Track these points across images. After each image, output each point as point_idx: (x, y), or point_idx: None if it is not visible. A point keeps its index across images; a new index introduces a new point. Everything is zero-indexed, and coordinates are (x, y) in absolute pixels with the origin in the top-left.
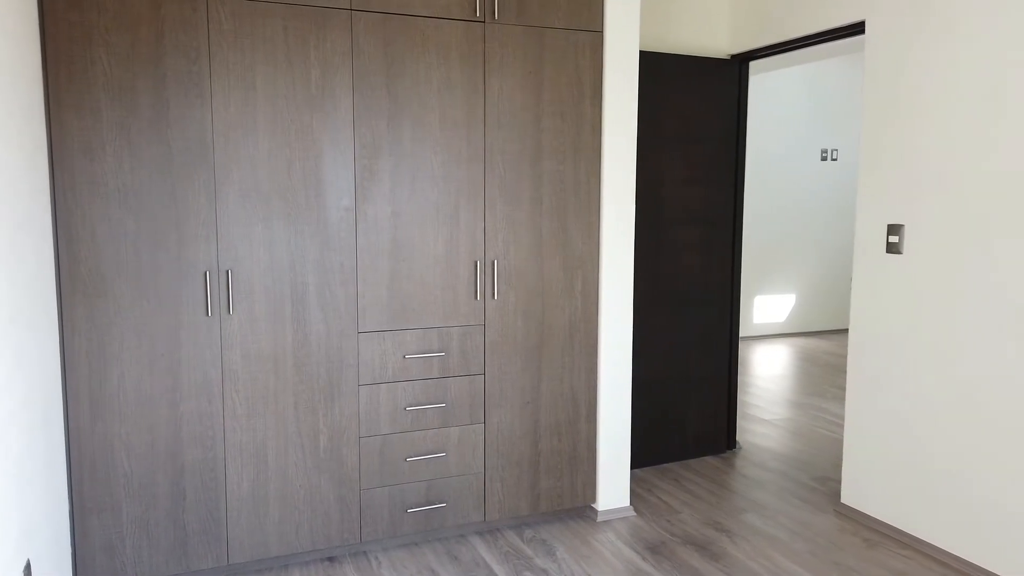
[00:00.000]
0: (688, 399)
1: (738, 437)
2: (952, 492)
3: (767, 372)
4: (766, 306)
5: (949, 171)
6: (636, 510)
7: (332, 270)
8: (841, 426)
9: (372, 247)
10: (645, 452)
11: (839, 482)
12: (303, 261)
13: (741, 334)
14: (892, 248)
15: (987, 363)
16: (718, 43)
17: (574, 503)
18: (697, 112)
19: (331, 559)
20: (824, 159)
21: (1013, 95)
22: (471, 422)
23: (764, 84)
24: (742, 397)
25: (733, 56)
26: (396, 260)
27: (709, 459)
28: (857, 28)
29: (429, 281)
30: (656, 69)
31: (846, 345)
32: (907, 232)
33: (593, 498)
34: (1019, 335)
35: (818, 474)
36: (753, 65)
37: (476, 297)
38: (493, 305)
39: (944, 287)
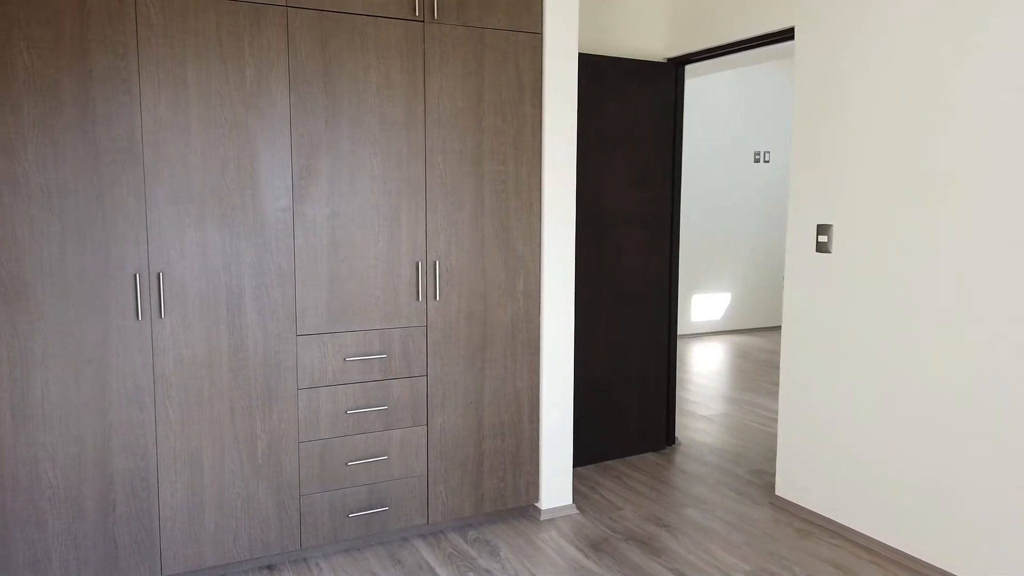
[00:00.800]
0: (629, 397)
1: (677, 433)
2: (879, 482)
3: (704, 369)
4: (703, 305)
5: (875, 173)
6: (579, 508)
7: (269, 272)
8: (775, 420)
9: (311, 248)
10: (587, 450)
11: (773, 475)
12: (239, 263)
13: (679, 332)
14: (822, 247)
15: (911, 357)
16: (655, 47)
17: (517, 503)
18: (636, 114)
19: (270, 567)
20: (757, 161)
21: (935, 101)
22: (413, 424)
23: (700, 87)
24: (681, 394)
25: (670, 59)
26: (336, 261)
27: (650, 455)
28: (787, 34)
29: (370, 282)
30: (596, 71)
31: (779, 342)
32: (835, 232)
33: (536, 497)
34: (941, 330)
35: (754, 467)
36: (689, 68)
37: (418, 298)
38: (435, 306)
39: (870, 284)
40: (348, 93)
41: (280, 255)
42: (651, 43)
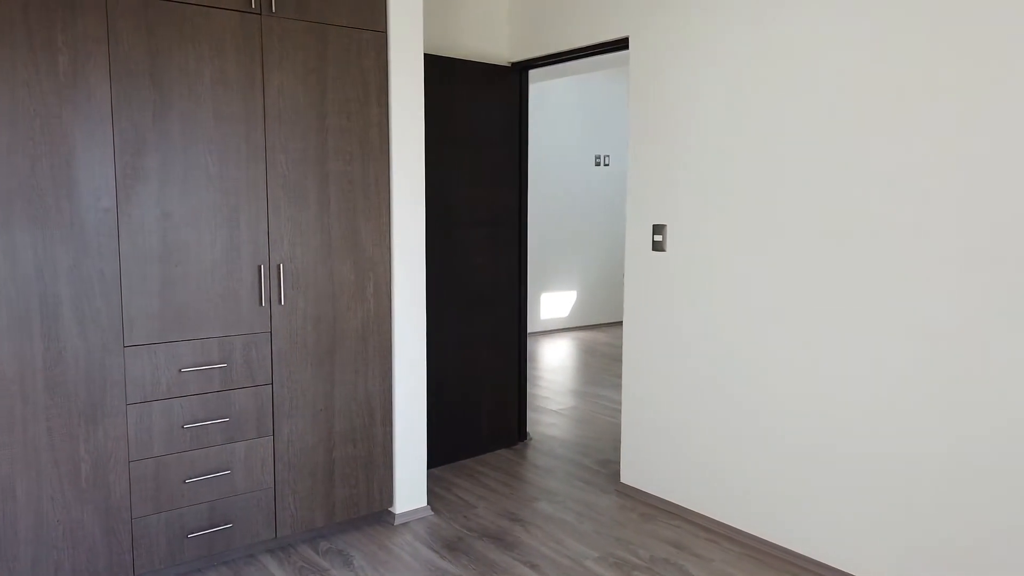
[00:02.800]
0: (481, 395)
1: (529, 428)
2: (712, 466)
3: (553, 365)
4: (551, 302)
5: (701, 176)
6: (434, 509)
7: (90, 279)
8: (619, 411)
9: (139, 252)
10: (442, 451)
11: (619, 464)
12: (54, 269)
13: (529, 330)
14: (657, 246)
15: (738, 347)
16: (500, 50)
17: (371, 509)
18: (483, 116)
19: None
20: (598, 164)
21: (754, 110)
22: (259, 435)
23: (545, 92)
24: (531, 390)
25: (514, 64)
26: (168, 265)
27: (503, 452)
28: (622, 43)
29: (207, 288)
30: (444, 73)
31: (622, 336)
32: (669, 231)
33: (391, 502)
34: (762, 320)
35: (601, 457)
36: (532, 73)
37: (261, 303)
38: (280, 311)
39: (700, 280)
40: (179, 87)
41: (103, 260)
42: (496, 47)
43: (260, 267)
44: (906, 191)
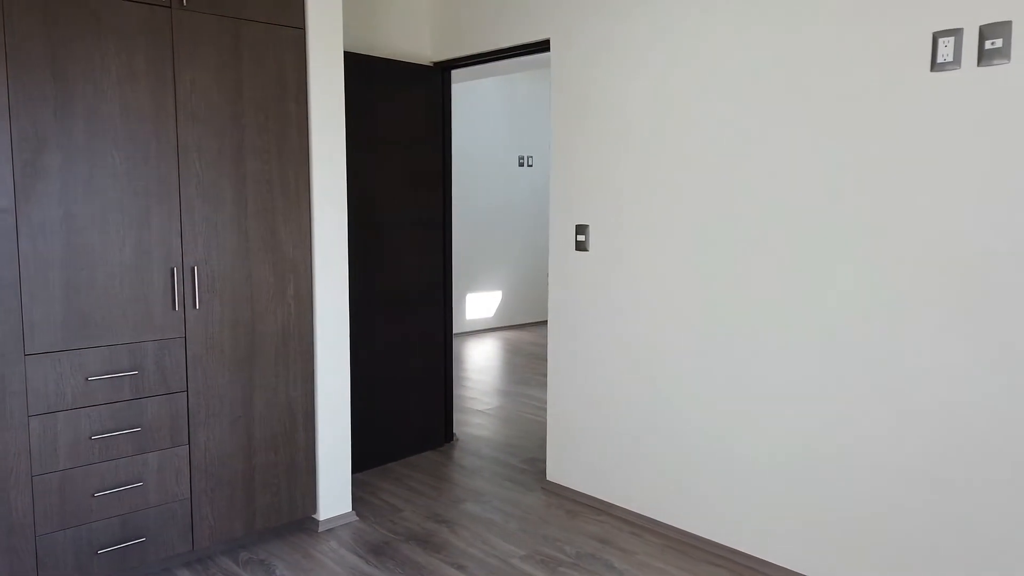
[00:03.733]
0: (408, 397)
1: (455, 429)
2: (634, 460)
3: (480, 365)
4: (476, 303)
5: (624, 176)
6: (359, 514)
7: None
8: (545, 410)
9: (40, 255)
10: (368, 454)
11: (545, 462)
12: None
13: (455, 331)
14: (580, 246)
15: (657, 345)
16: (423, 50)
17: (294, 516)
18: (406, 116)
19: None
20: (522, 165)
21: (674, 111)
22: (173, 445)
23: (469, 92)
24: (458, 391)
25: (436, 63)
26: (73, 269)
27: (429, 454)
28: (544, 45)
29: (116, 292)
30: (365, 72)
31: (547, 335)
32: (592, 231)
33: (314, 508)
34: (681, 316)
35: (527, 456)
36: (455, 73)
37: (175, 307)
38: (195, 315)
39: (622, 279)
40: (82, 82)
41: (0, 264)
42: (418, 46)
43: (173, 270)
44: (816, 193)
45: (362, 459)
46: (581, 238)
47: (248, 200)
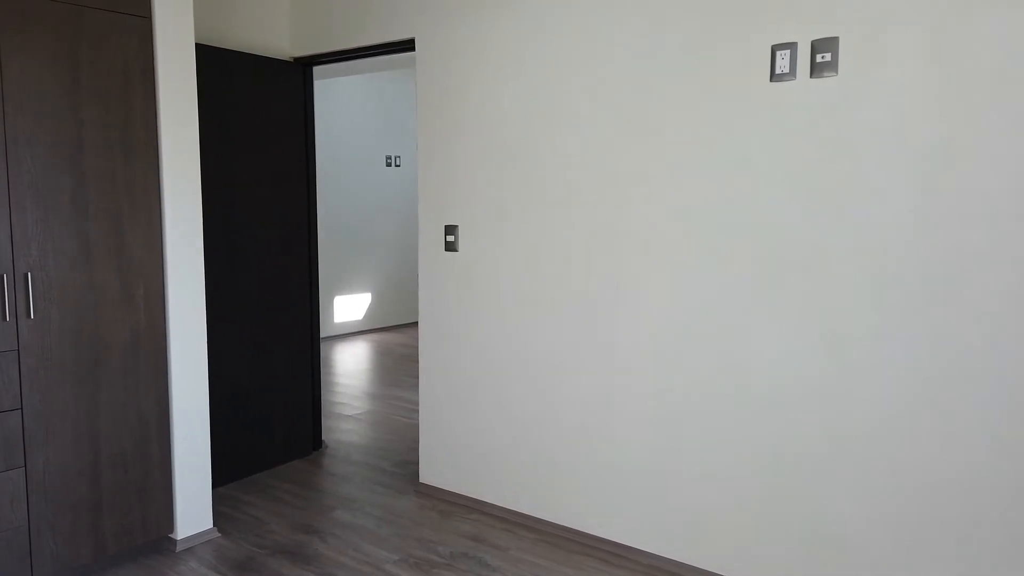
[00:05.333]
0: (273, 405)
1: (324, 436)
2: (504, 458)
3: (349, 369)
4: (344, 305)
5: (492, 177)
6: (221, 531)
7: None
8: (416, 412)
9: None
10: (231, 466)
11: (417, 464)
12: None
13: (322, 334)
14: (450, 246)
15: (525, 344)
16: (282, 44)
17: (149, 537)
18: (265, 113)
19: None
20: (389, 165)
21: (540, 112)
22: (6, 468)
23: (334, 90)
24: (327, 396)
25: (297, 59)
26: None
27: (297, 463)
28: (409, 44)
29: None
30: (220, 66)
31: (417, 337)
32: (461, 232)
33: (171, 528)
34: (547, 315)
35: (399, 459)
36: (317, 70)
37: (6, 318)
38: (30, 325)
39: (491, 279)
40: None
41: None
42: (278, 41)
43: (3, 276)
44: (671, 192)
45: (224, 472)
46: (451, 239)
47: (89, 199)
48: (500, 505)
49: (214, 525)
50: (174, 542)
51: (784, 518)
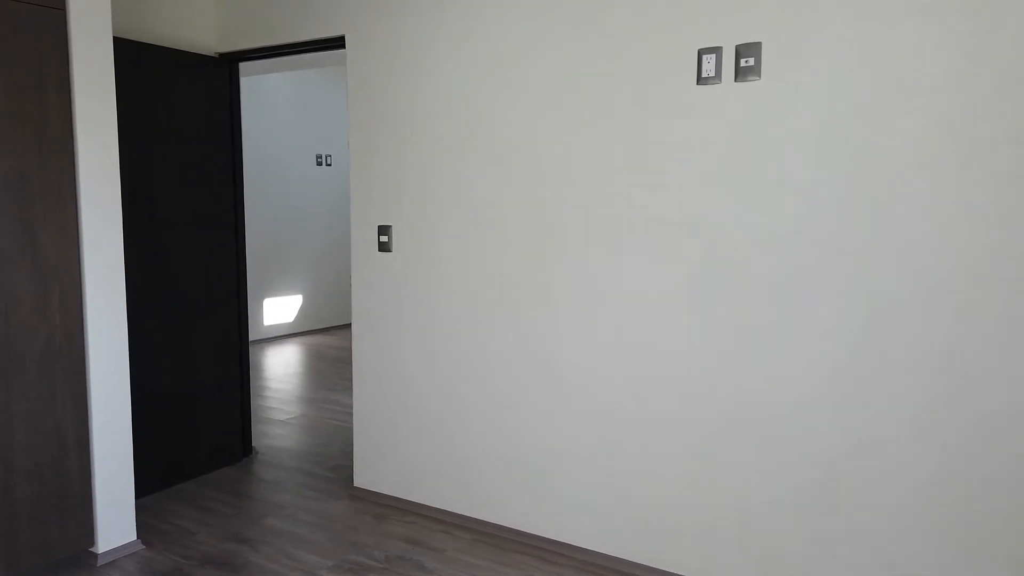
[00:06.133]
0: (200, 411)
1: (255, 442)
2: (439, 459)
3: (280, 373)
4: (275, 308)
5: (426, 176)
6: (146, 543)
7: None
8: (351, 415)
9: None
10: (156, 476)
11: (351, 468)
12: None
13: (252, 338)
14: (383, 247)
15: (458, 344)
16: (206, 39)
17: (68, 551)
18: (189, 110)
19: None
20: (320, 164)
21: (473, 111)
22: None
23: (263, 87)
24: (257, 401)
25: (222, 54)
26: None
27: (227, 470)
28: (339, 42)
29: None
30: (141, 60)
31: (351, 339)
32: (395, 232)
33: (91, 541)
34: (481, 316)
35: (333, 464)
36: (244, 66)
37: None
38: None
39: (426, 279)
40: None
41: None
42: (201, 35)
43: None
44: (603, 192)
45: (149, 482)
46: (384, 239)
47: None
48: (436, 507)
49: (138, 537)
50: (95, 556)
51: (712, 510)
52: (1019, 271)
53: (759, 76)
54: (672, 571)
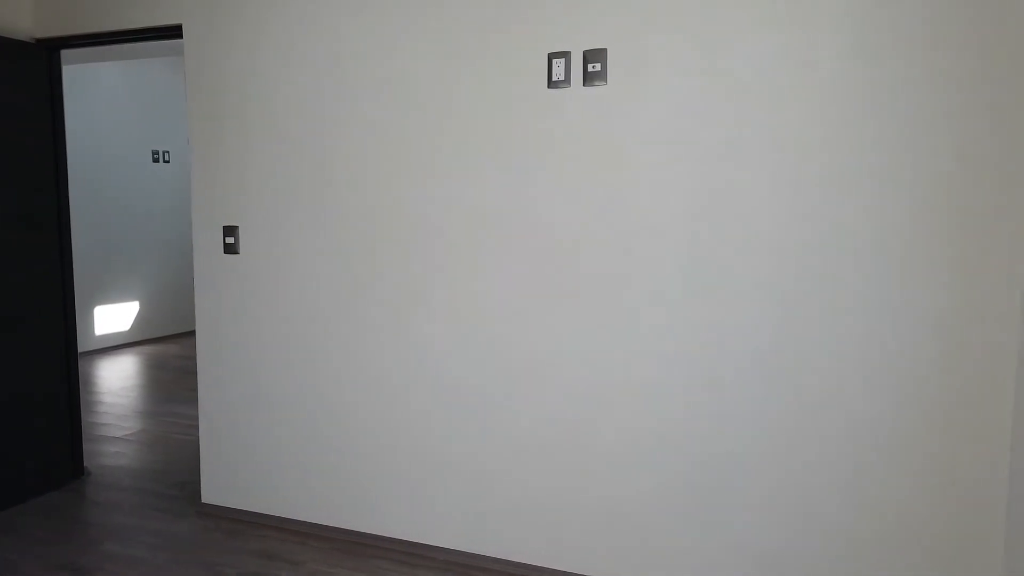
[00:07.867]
0: (21, 431)
1: (87, 462)
2: (294, 468)
3: (115, 386)
4: (108, 316)
5: (273, 174)
6: None
7: None
8: (196, 427)
9: None
10: None
11: (199, 483)
12: None
13: (82, 349)
14: (229, 249)
15: (311, 348)
16: (21, 23)
17: None
18: (0, 101)
19: None
20: (156, 160)
21: (321, 108)
22: None
23: (92, 77)
24: (89, 418)
25: (40, 40)
26: None
27: (54, 494)
28: (176, 31)
29: None
30: None
31: (195, 346)
32: (242, 233)
33: None
34: (334, 318)
35: (177, 480)
36: (66, 54)
37: None
38: None
39: (276, 282)
40: None
41: None
42: (16, 18)
43: None
44: (457, 192)
45: None
46: (230, 240)
47: None
48: (291, 518)
49: None
50: None
51: (576, 502)
52: (831, 266)
53: (605, 81)
54: (530, 563)
